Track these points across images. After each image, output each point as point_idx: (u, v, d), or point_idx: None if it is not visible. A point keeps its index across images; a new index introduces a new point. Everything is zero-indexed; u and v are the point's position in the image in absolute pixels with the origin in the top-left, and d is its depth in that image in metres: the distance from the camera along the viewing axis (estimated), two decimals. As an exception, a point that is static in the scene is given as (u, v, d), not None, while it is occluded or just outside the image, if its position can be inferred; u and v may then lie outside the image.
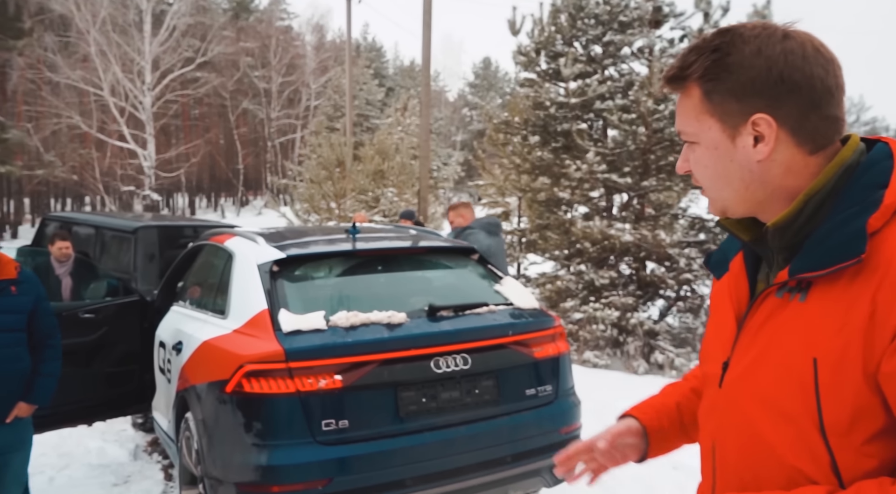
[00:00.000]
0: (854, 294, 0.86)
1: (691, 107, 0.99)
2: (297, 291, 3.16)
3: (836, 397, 0.86)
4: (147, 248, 6.42)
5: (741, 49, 0.93)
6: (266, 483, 2.68)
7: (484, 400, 3.03)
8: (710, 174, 1.00)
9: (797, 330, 0.91)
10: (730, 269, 1.11)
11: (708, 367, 1.10)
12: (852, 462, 0.87)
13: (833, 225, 0.90)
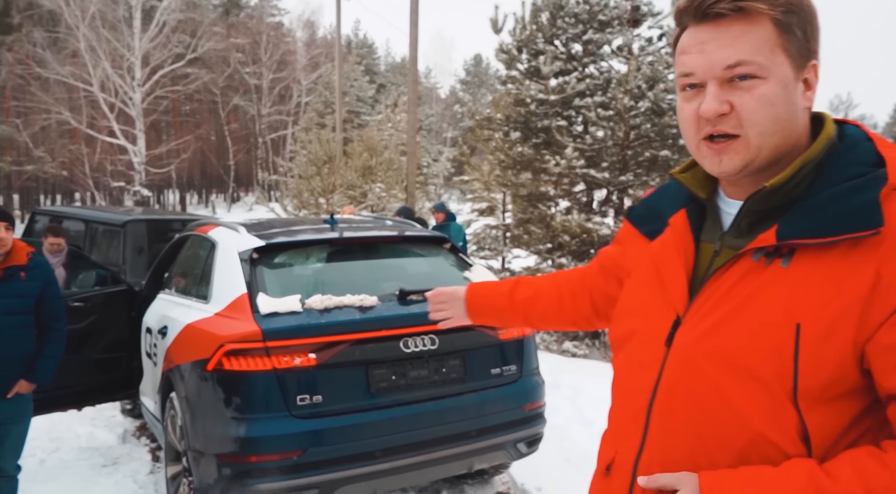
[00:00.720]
0: (853, 264, 0.86)
1: (763, 37, 0.90)
2: (275, 277, 3.34)
3: (817, 363, 0.86)
4: (136, 241, 6.58)
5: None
6: (244, 453, 2.86)
7: (451, 378, 3.23)
8: (772, 114, 0.91)
9: (778, 295, 0.90)
10: (671, 226, 1.09)
11: (638, 323, 1.08)
12: (821, 428, 0.87)
13: (831, 195, 0.90)
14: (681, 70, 0.98)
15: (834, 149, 0.95)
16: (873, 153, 0.92)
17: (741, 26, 0.90)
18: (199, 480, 3.03)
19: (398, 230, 3.94)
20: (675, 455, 0.97)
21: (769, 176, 0.95)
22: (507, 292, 1.54)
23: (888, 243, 0.85)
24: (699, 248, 1.04)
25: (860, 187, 0.88)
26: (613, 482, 1.07)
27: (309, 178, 12.28)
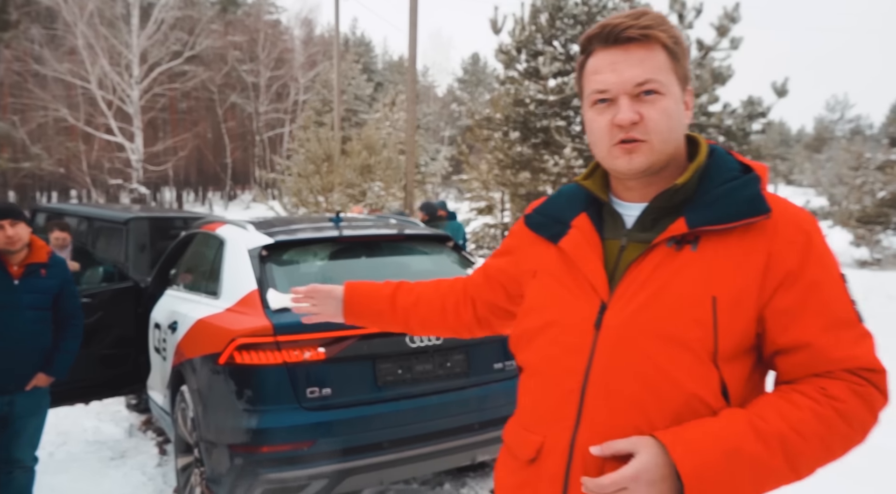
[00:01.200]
0: (748, 246, 1.06)
1: (661, 61, 1.10)
2: (284, 273, 3.43)
3: (730, 328, 1.04)
4: (139, 239, 6.64)
5: (681, 36, 1.14)
6: (256, 444, 2.95)
7: (455, 372, 3.33)
8: (670, 124, 1.11)
9: (694, 274, 1.07)
10: (576, 228, 1.22)
11: (556, 314, 1.18)
12: (734, 382, 1.06)
13: (722, 192, 1.10)
14: (594, 87, 1.14)
15: (709, 159, 1.16)
16: (738, 162, 1.16)
17: (644, 52, 1.10)
18: (211, 470, 3.12)
19: (402, 228, 4.03)
20: (619, 424, 1.07)
21: (660, 179, 1.15)
22: (388, 296, 1.60)
23: (772, 228, 1.07)
24: (604, 245, 1.19)
25: (743, 185, 1.10)
26: (544, 466, 1.14)
27: (308, 177, 12.35)
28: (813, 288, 1.05)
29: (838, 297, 1.07)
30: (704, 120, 9.15)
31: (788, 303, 1.05)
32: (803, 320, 1.05)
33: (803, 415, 1.00)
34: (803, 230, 1.07)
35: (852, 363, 1.04)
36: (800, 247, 1.06)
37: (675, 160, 1.15)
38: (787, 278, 1.05)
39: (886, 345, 6.00)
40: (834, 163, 35.95)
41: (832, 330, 1.04)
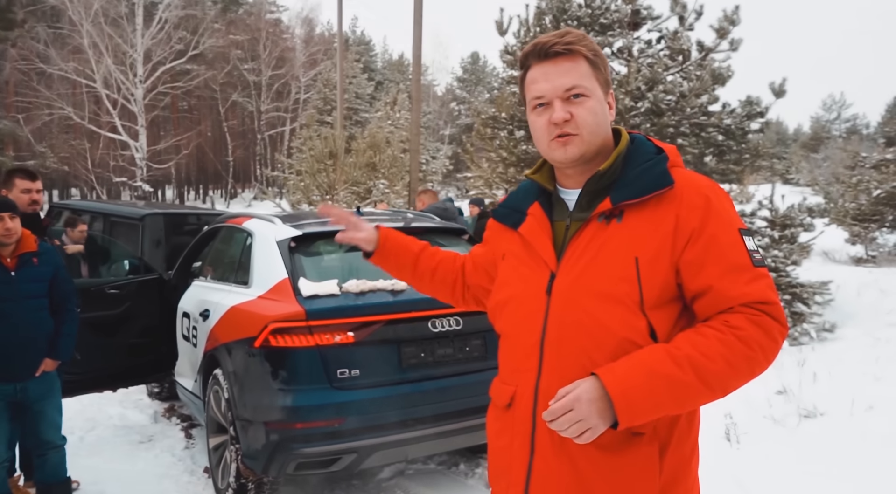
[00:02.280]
0: (661, 213, 1.31)
1: (584, 70, 1.36)
2: (312, 263, 3.65)
3: (651, 281, 1.28)
4: (154, 234, 6.84)
5: (594, 44, 1.41)
6: (291, 421, 3.17)
7: (473, 356, 3.55)
8: (596, 120, 1.37)
9: (619, 241, 1.32)
10: (531, 215, 1.47)
11: (516, 288, 1.44)
12: (661, 325, 1.29)
13: (639, 172, 1.35)
14: (533, 95, 1.40)
15: (630, 146, 1.41)
16: (654, 146, 1.41)
17: (570, 63, 1.36)
18: (246, 446, 3.34)
19: (420, 221, 4.25)
20: (569, 370, 1.31)
21: (592, 168, 1.40)
22: (415, 253, 1.77)
23: (678, 196, 1.31)
24: (555, 226, 1.44)
25: (654, 164, 1.35)
26: (517, 411, 1.40)
27: (314, 174, 12.55)
28: (712, 241, 1.28)
29: (733, 247, 1.29)
30: (704, 119, 9.35)
31: (694, 256, 1.28)
32: (706, 268, 1.28)
33: (709, 342, 1.22)
34: (703, 195, 1.31)
35: (747, 298, 1.26)
36: (700, 210, 1.29)
37: (603, 150, 1.41)
38: (692, 235, 1.29)
39: (879, 335, 6.24)
40: (830, 162, 36.18)
41: (728, 274, 1.27)
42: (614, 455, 1.30)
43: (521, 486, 1.39)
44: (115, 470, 4.28)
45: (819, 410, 4.73)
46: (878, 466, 3.86)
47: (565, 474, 1.33)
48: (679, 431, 1.34)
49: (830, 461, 3.96)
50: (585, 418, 1.22)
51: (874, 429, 4.35)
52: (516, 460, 1.41)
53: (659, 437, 1.31)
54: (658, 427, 1.31)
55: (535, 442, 1.37)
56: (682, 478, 1.36)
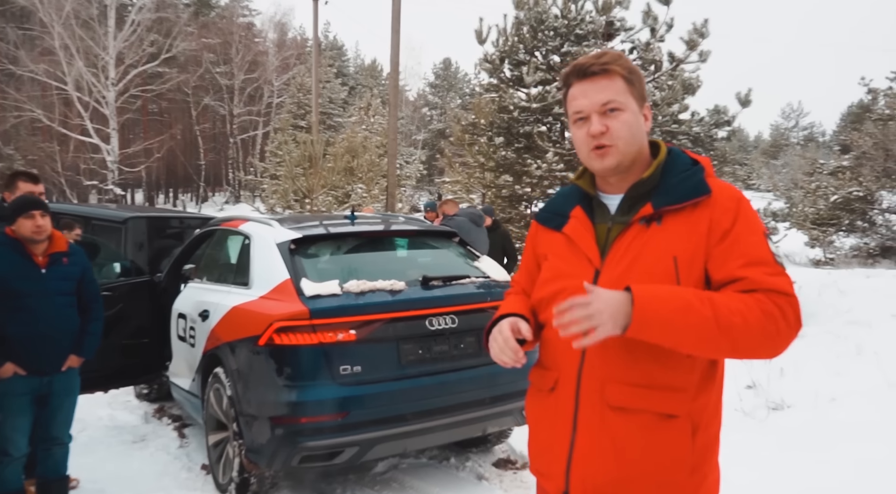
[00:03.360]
0: (696, 218, 1.46)
1: (619, 86, 1.50)
2: (312, 264, 3.80)
3: (688, 278, 1.43)
4: (136, 238, 6.87)
5: (630, 62, 1.55)
6: (296, 415, 3.31)
7: (468, 352, 3.72)
8: (630, 133, 1.50)
9: (659, 242, 1.46)
10: (574, 217, 1.60)
11: (564, 283, 1.54)
12: None
13: (677, 180, 1.50)
14: (573, 109, 1.55)
15: (668, 157, 1.55)
16: (689, 158, 1.56)
17: (606, 81, 1.51)
18: (251, 441, 3.47)
19: (414, 225, 4.43)
20: (611, 356, 1.46)
21: (630, 175, 1.54)
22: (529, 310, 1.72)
23: (713, 202, 1.45)
24: (595, 228, 1.57)
25: (692, 175, 1.50)
26: (560, 394, 1.54)
27: (293, 179, 12.62)
28: (737, 238, 1.42)
29: (757, 245, 1.42)
30: (675, 127, 9.68)
31: (721, 250, 1.42)
32: (730, 261, 1.41)
33: (732, 300, 1.35)
34: (735, 199, 1.46)
35: (770, 286, 1.37)
36: (732, 212, 1.44)
37: (640, 159, 1.54)
38: (722, 234, 1.42)
39: (839, 333, 6.56)
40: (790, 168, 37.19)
41: (752, 266, 1.39)
42: (652, 433, 1.43)
43: (564, 462, 1.52)
44: (112, 469, 4.35)
45: (786, 403, 5.01)
46: (842, 454, 4.14)
47: (606, 451, 1.46)
48: (708, 414, 1.48)
49: (798, 450, 4.23)
50: (596, 314, 1.31)
51: (837, 420, 4.65)
52: (558, 438, 1.54)
53: (692, 419, 1.44)
54: (692, 410, 1.45)
55: (577, 422, 1.50)
56: (709, 458, 1.50)
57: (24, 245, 3.38)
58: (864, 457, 4.03)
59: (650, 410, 1.43)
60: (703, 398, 1.47)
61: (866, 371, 5.45)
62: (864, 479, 3.74)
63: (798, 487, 3.70)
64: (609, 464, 1.46)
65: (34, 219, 3.32)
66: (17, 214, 3.33)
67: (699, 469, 1.46)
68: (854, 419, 4.58)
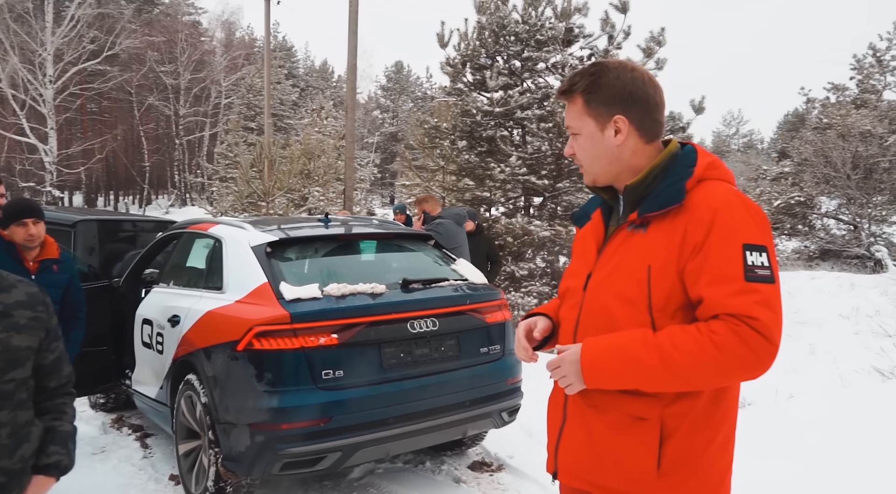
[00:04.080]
0: (674, 226, 1.45)
1: (577, 110, 1.56)
2: (290, 267, 3.73)
3: (659, 287, 1.45)
4: (87, 241, 6.61)
5: (607, 75, 1.53)
6: (277, 422, 3.23)
7: (448, 355, 3.72)
8: (588, 155, 1.57)
9: (639, 249, 1.50)
10: (592, 219, 1.69)
11: (571, 282, 1.67)
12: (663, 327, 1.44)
13: (664, 186, 1.51)
14: None
15: (676, 157, 1.56)
16: (693, 158, 1.54)
17: (570, 105, 1.58)
18: (228, 449, 3.36)
19: (391, 228, 4.39)
20: None
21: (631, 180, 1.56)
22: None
23: (689, 210, 1.44)
24: (608, 229, 1.63)
25: (677, 181, 1.49)
26: (557, 386, 1.65)
27: (248, 181, 12.37)
28: (709, 253, 1.39)
29: (728, 260, 1.38)
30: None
31: (693, 267, 1.41)
32: (699, 278, 1.40)
33: (684, 337, 1.37)
34: (712, 209, 1.41)
35: (730, 309, 1.35)
36: (706, 224, 1.40)
37: (628, 168, 1.56)
38: (694, 248, 1.41)
39: (791, 333, 6.83)
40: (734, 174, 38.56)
41: (715, 285, 1.37)
42: (619, 433, 1.50)
43: (555, 443, 1.67)
44: (73, 483, 4.10)
45: (748, 400, 5.19)
46: (802, 446, 4.32)
47: (582, 441, 1.58)
48: (692, 422, 1.46)
49: (762, 443, 4.38)
50: (567, 375, 1.50)
51: (796, 415, 4.85)
52: (554, 424, 1.69)
53: (664, 425, 1.46)
54: (665, 415, 1.46)
55: (566, 412, 1.63)
56: (691, 466, 1.47)
57: (16, 248, 3.34)
58: (822, 450, 4.21)
59: (619, 410, 1.51)
60: (682, 405, 1.46)
61: (821, 369, 5.70)
62: (822, 471, 3.90)
63: (761, 479, 3.82)
64: (586, 453, 1.57)
65: (27, 228, 3.30)
66: (10, 221, 3.29)
67: (673, 473, 1.47)
68: (811, 415, 4.78)
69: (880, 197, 14.69)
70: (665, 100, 1.59)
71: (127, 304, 4.88)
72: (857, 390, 5.10)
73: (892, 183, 14.42)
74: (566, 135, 9.26)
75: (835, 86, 18.63)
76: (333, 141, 20.55)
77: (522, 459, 4.47)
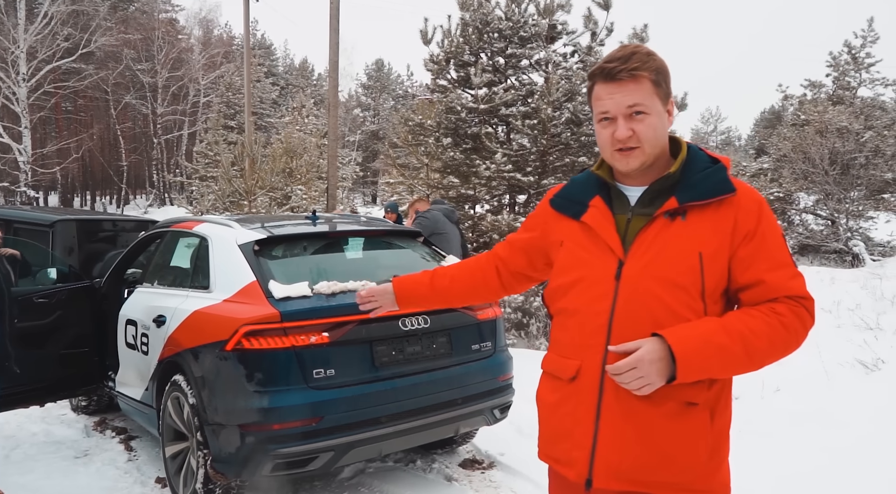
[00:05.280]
0: (721, 215, 1.52)
1: (645, 90, 1.52)
2: (278, 265, 3.67)
3: (712, 274, 1.50)
4: (66, 242, 6.49)
5: (658, 58, 1.56)
6: (267, 422, 3.18)
7: (440, 353, 3.69)
8: (654, 135, 1.54)
9: (684, 237, 1.51)
10: (594, 206, 1.64)
11: (583, 272, 1.60)
12: (714, 311, 1.52)
13: (701, 177, 1.54)
14: (599, 109, 1.57)
15: (688, 154, 1.60)
16: (707, 156, 1.61)
17: (633, 85, 1.52)
18: (218, 450, 3.30)
19: (380, 225, 4.35)
20: None
21: (652, 169, 1.58)
22: (427, 282, 1.99)
23: (737, 201, 1.51)
24: (615, 218, 1.60)
25: (716, 172, 1.54)
26: (583, 382, 1.58)
27: (230, 180, 12.22)
28: (762, 241, 1.50)
29: (779, 248, 1.52)
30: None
31: (746, 253, 1.50)
32: (756, 264, 1.49)
33: (756, 322, 1.46)
34: (757, 202, 1.53)
35: (790, 292, 1.49)
36: (755, 214, 1.51)
37: (661, 156, 1.59)
38: (746, 236, 1.50)
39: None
40: (713, 171, 38.93)
41: (775, 270, 1.50)
42: (674, 420, 1.50)
43: (587, 449, 1.56)
44: (56, 487, 4.07)
45: (734, 394, 5.22)
46: (790, 439, 4.36)
47: (631, 436, 1.52)
48: (723, 400, 1.56)
49: (750, 436, 4.41)
50: (646, 375, 1.44)
51: (782, 408, 4.89)
52: (581, 424, 1.58)
53: (710, 406, 1.52)
54: (709, 397, 1.52)
55: (601, 409, 1.55)
56: (724, 441, 1.58)
57: None
58: (809, 442, 4.25)
59: (675, 399, 1.49)
60: (717, 387, 1.55)
61: (806, 362, 5.75)
62: (809, 463, 3.94)
63: (750, 472, 3.85)
64: (635, 450, 1.51)
65: None
66: None
67: (717, 452, 1.55)
68: (798, 407, 4.83)
69: (857, 192, 14.91)
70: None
71: (109, 305, 4.79)
72: (842, 382, 5.16)
73: (869, 178, 14.64)
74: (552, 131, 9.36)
75: (811, 83, 18.88)
76: (315, 139, 20.43)
77: (513, 456, 4.46)
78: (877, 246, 15.07)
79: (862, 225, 15.09)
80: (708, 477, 1.54)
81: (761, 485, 3.73)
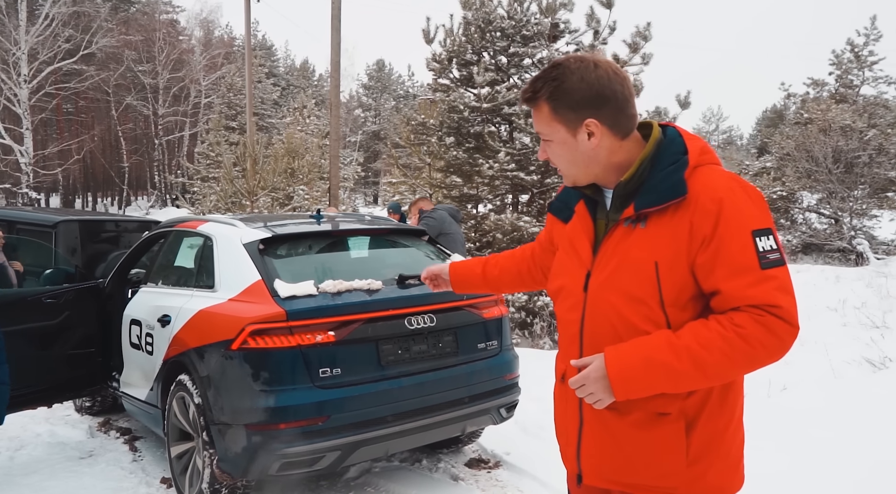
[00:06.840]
0: (678, 220, 1.41)
1: (544, 117, 1.48)
2: (283, 264, 3.65)
3: (669, 283, 1.41)
4: (68, 242, 6.48)
5: (570, 78, 1.43)
6: (274, 421, 3.16)
7: (446, 351, 3.67)
8: (563, 160, 1.52)
9: (642, 246, 1.44)
10: (576, 212, 1.62)
11: (564, 280, 1.61)
12: (679, 320, 1.42)
13: (660, 177, 1.44)
14: None
15: (661, 144, 1.49)
16: (682, 144, 1.48)
17: (535, 112, 1.51)
18: (224, 450, 3.29)
19: (385, 223, 4.33)
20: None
21: (620, 171, 1.50)
22: (479, 272, 2.10)
23: (693, 202, 1.39)
24: (597, 224, 1.57)
25: (673, 172, 1.43)
26: (567, 386, 1.57)
27: (231, 180, 12.21)
28: (720, 245, 1.36)
29: (741, 250, 1.36)
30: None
31: (705, 259, 1.38)
32: (715, 272, 1.37)
33: (710, 335, 1.35)
34: (716, 200, 1.38)
35: (751, 300, 1.35)
36: (712, 216, 1.37)
37: (608, 167, 1.51)
38: (703, 241, 1.38)
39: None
40: (716, 170, 38.94)
41: (733, 278, 1.36)
42: (644, 431, 1.47)
43: (575, 446, 1.62)
44: (61, 488, 4.06)
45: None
46: (798, 437, 4.33)
47: (607, 442, 1.53)
48: (710, 409, 1.46)
49: (756, 435, 4.38)
50: (595, 392, 1.44)
51: (788, 406, 4.87)
52: (570, 424, 1.63)
53: (686, 416, 1.45)
54: (685, 406, 1.45)
55: (582, 413, 1.58)
56: (714, 449, 1.49)
57: None
58: (818, 441, 4.23)
59: (641, 409, 1.47)
60: (699, 394, 1.46)
61: (813, 360, 5.73)
62: (819, 462, 3.92)
63: (758, 472, 3.83)
64: (612, 454, 1.53)
65: None
66: None
67: (702, 458, 1.48)
68: (805, 406, 4.80)
69: (861, 190, 14.88)
70: (633, 88, 1.52)
71: (113, 305, 4.78)
72: (849, 381, 5.14)
73: (873, 176, 14.61)
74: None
75: (814, 82, 18.85)
76: (317, 139, 20.41)
77: (520, 455, 4.44)
78: (881, 244, 15.04)
79: (866, 223, 15.06)
80: (691, 483, 1.48)
81: (768, 484, 3.71)
